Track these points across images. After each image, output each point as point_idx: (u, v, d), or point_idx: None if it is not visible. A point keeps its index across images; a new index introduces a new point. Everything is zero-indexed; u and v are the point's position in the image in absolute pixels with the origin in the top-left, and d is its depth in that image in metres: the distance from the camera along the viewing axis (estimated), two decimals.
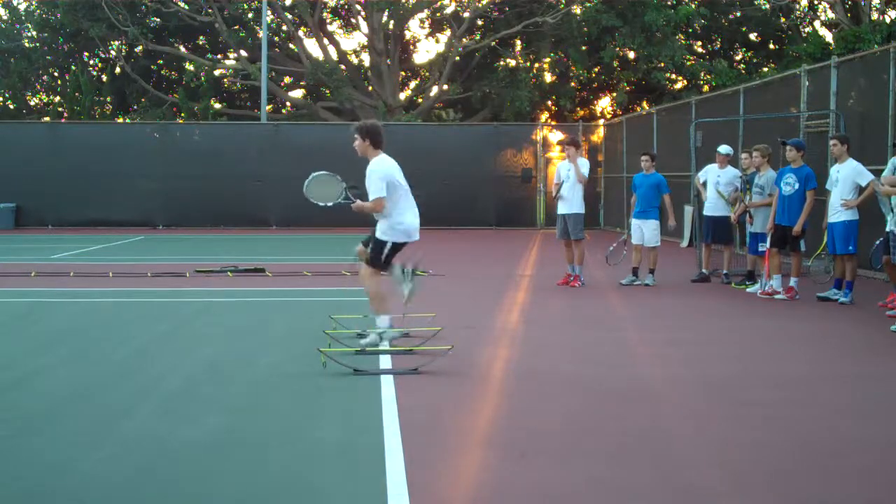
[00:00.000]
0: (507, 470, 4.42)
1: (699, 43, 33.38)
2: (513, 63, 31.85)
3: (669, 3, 29.95)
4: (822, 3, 30.05)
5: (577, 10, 30.36)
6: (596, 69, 31.79)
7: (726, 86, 22.31)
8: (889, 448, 4.85)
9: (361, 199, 7.66)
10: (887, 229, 9.13)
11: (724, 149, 12.30)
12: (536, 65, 32.21)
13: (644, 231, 12.01)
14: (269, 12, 29.60)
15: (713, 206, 12.15)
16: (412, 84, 36.05)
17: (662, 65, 29.21)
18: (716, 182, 12.10)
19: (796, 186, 10.47)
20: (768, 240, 10.79)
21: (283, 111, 35.97)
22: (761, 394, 6.00)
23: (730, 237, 12.31)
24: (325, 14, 34.44)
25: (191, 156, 25.56)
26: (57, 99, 34.83)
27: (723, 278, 12.07)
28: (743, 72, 29.65)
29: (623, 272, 12.15)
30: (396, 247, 7.65)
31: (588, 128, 27.47)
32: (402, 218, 7.63)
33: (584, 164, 11.86)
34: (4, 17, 35.20)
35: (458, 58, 31.23)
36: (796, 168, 10.57)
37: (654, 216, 12.06)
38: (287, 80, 35.06)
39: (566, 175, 11.82)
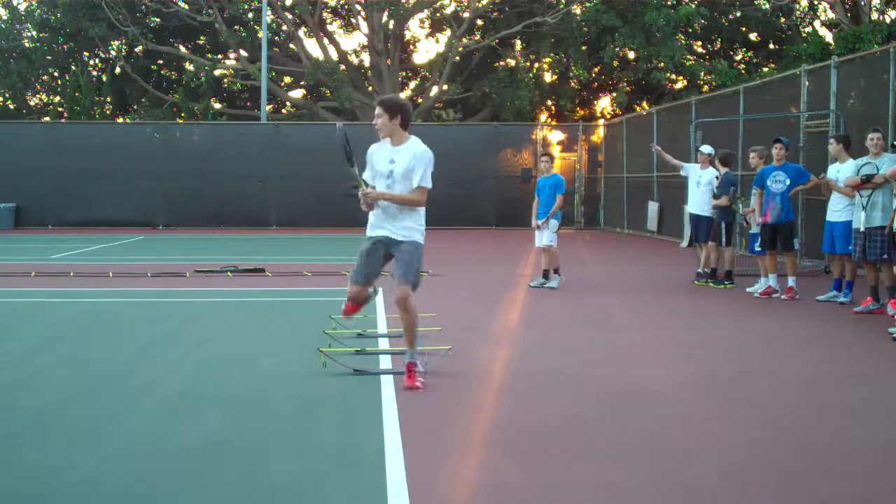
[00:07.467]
0: (507, 470, 4.42)
1: (699, 43, 33.38)
2: (513, 63, 31.85)
3: (669, 3, 29.95)
4: (822, 3, 30.05)
5: (577, 10, 30.38)
6: (596, 69, 31.80)
7: (726, 86, 22.31)
8: (889, 448, 4.84)
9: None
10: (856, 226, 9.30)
11: (705, 148, 12.34)
12: (536, 65, 32.21)
13: (543, 232, 11.67)
14: (269, 12, 29.59)
15: (695, 203, 12.21)
16: (412, 84, 36.06)
17: (662, 65, 29.22)
18: (697, 182, 12.17)
19: (787, 182, 10.54)
20: (759, 242, 10.85)
21: (283, 111, 35.98)
22: (761, 394, 6.00)
23: (712, 235, 12.25)
24: (325, 14, 34.45)
25: (191, 156, 25.58)
26: (57, 99, 34.84)
27: (695, 277, 12.16)
28: (743, 72, 29.65)
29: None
30: None
31: (588, 128, 27.49)
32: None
33: (412, 153, 5.95)
34: (4, 17, 35.22)
35: (458, 58, 31.22)
36: (780, 165, 10.64)
37: (553, 217, 11.64)
38: (287, 80, 35.06)
39: (388, 169, 6.02)
